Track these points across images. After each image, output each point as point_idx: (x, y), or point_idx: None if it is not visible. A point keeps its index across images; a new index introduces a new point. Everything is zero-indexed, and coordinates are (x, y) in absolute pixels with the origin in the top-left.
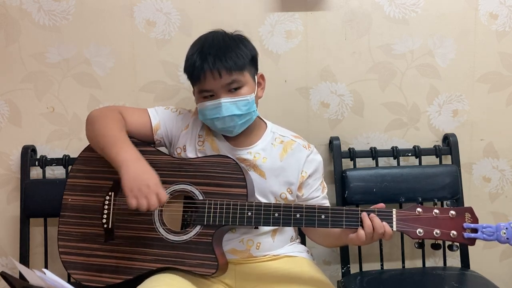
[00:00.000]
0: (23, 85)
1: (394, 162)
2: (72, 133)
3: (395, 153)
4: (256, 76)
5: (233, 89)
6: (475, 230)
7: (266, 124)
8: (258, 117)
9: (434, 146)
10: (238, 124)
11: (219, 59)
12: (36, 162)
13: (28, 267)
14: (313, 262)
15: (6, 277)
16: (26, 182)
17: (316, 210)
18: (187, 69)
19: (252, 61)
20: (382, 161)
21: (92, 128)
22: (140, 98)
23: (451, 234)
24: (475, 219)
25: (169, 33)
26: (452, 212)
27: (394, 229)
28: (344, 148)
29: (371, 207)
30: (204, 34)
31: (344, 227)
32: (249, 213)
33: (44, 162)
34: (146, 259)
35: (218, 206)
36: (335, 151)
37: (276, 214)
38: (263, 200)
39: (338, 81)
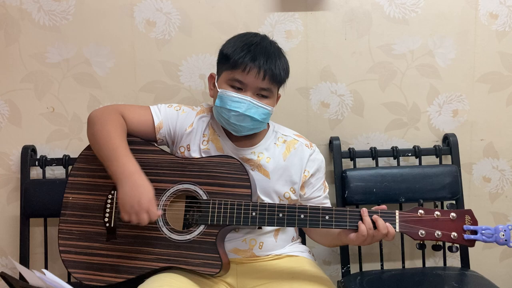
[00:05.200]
0: (23, 85)
1: (394, 162)
2: (72, 133)
3: (395, 153)
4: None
5: (262, 95)
6: (474, 232)
7: (268, 123)
8: None
9: (434, 146)
10: (249, 127)
11: (271, 62)
12: (36, 162)
13: (28, 267)
14: (314, 262)
15: (6, 277)
16: (26, 182)
17: (320, 211)
18: (230, 55)
19: (286, 80)
20: (382, 161)
21: (91, 132)
22: (140, 98)
23: (451, 236)
24: (474, 221)
25: (169, 33)
26: (453, 214)
27: (397, 230)
28: (344, 148)
29: (373, 208)
30: (243, 33)
31: (348, 227)
32: (254, 213)
33: (44, 162)
34: (149, 258)
35: (222, 206)
36: (335, 151)
37: (281, 215)
38: (267, 199)
39: (338, 81)
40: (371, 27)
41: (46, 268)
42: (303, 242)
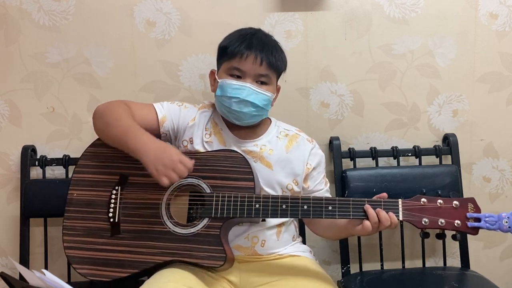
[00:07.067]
0: (23, 85)
1: (394, 162)
2: (72, 133)
3: (395, 153)
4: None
5: (261, 82)
6: (478, 220)
7: (270, 119)
8: None
9: (434, 146)
10: (251, 114)
11: (267, 50)
12: (36, 162)
13: (28, 268)
14: (316, 262)
15: (5, 277)
16: (26, 182)
17: (324, 202)
18: (227, 46)
19: (283, 70)
20: (382, 161)
21: (102, 120)
22: (140, 98)
23: (455, 224)
24: (477, 209)
25: (169, 33)
26: (456, 202)
27: (400, 218)
28: (344, 148)
29: (376, 197)
30: (240, 29)
31: (351, 217)
32: (257, 205)
33: (44, 162)
34: (153, 252)
35: (226, 198)
36: (335, 151)
37: (284, 206)
38: (270, 191)
39: (338, 81)
40: (371, 27)
41: (46, 268)
42: (304, 242)
